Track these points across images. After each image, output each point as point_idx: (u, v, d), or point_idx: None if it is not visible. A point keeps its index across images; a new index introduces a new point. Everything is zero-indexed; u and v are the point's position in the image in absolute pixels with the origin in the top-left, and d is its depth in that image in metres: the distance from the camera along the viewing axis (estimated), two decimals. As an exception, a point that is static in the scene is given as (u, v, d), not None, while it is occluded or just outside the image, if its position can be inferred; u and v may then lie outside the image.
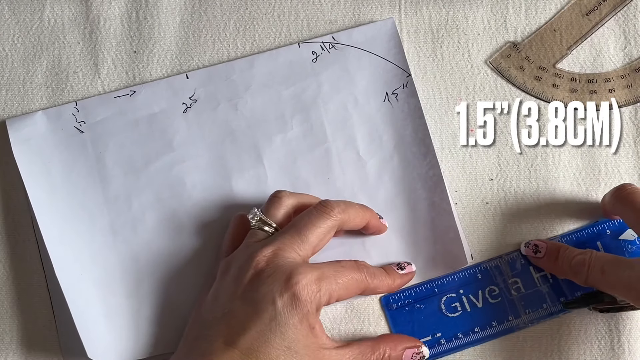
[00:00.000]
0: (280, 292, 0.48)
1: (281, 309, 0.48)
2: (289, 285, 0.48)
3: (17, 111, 0.59)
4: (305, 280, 0.49)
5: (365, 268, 0.52)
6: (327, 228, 0.52)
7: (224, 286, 0.51)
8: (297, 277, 0.48)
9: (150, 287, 0.56)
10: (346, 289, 0.51)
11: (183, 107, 0.58)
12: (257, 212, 0.53)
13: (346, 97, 0.58)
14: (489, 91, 0.59)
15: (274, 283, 0.49)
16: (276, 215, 0.53)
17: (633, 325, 0.56)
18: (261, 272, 0.49)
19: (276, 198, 0.54)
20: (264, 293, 0.48)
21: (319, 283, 0.49)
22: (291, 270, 0.49)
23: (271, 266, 0.49)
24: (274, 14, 0.60)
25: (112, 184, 0.57)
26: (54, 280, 0.55)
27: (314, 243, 0.51)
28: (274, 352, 0.48)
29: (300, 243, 0.51)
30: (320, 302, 0.49)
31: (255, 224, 0.53)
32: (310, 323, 0.49)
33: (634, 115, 0.58)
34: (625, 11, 0.59)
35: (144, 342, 0.56)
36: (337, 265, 0.51)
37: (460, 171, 0.58)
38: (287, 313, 0.48)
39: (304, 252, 0.51)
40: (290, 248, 0.50)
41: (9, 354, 0.57)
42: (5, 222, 0.58)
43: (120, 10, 0.60)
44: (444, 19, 0.60)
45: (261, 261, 0.50)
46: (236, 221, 0.55)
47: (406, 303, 0.56)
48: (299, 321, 0.48)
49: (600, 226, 0.57)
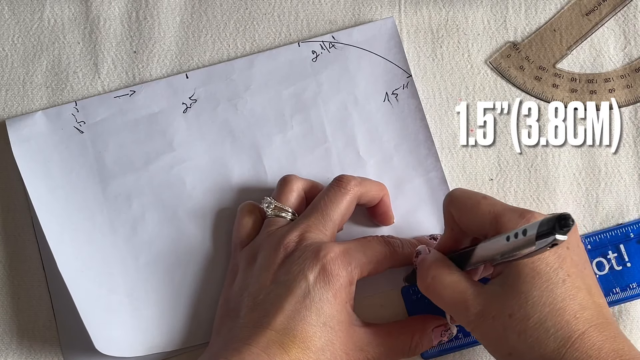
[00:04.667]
0: (311, 267, 0.49)
1: (313, 283, 0.48)
2: (317, 258, 0.49)
3: (17, 111, 0.59)
4: (333, 253, 0.49)
5: (392, 241, 0.53)
6: (347, 203, 0.52)
7: (254, 275, 0.51)
8: (324, 251, 0.49)
9: (151, 287, 0.56)
10: (376, 263, 0.51)
11: (183, 107, 0.58)
12: (272, 201, 0.54)
13: (346, 97, 0.58)
14: (489, 91, 0.59)
15: (306, 261, 0.49)
16: (290, 200, 0.54)
17: (633, 325, 0.56)
18: (291, 254, 0.50)
19: (286, 182, 0.54)
20: (296, 273, 0.49)
21: (348, 256, 0.50)
22: (319, 246, 0.50)
23: (300, 248, 0.50)
24: (274, 14, 0.60)
25: (112, 183, 0.57)
26: (54, 280, 0.55)
27: (337, 220, 0.52)
28: (310, 330, 0.48)
29: (325, 223, 0.51)
30: (352, 276, 0.50)
31: (271, 213, 0.53)
32: (343, 298, 0.49)
33: (634, 115, 0.58)
34: (625, 11, 0.59)
35: (146, 340, 0.56)
36: (364, 241, 0.52)
37: (460, 171, 0.58)
38: (320, 288, 0.48)
39: (330, 230, 0.52)
40: (316, 229, 0.51)
41: (9, 354, 0.57)
42: (5, 221, 0.58)
43: (120, 10, 0.60)
44: (444, 19, 0.60)
45: (290, 244, 0.50)
46: (246, 209, 0.55)
47: None
48: (332, 296, 0.49)
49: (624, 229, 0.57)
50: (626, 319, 0.56)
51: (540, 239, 0.40)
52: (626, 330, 0.56)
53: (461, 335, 0.55)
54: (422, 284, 0.50)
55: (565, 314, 0.44)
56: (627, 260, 0.56)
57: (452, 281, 0.48)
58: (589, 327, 0.44)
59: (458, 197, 0.50)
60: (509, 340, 0.45)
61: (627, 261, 0.56)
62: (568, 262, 0.46)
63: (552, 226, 0.39)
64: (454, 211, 0.50)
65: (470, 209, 0.49)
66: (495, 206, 0.48)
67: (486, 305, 0.46)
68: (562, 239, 0.39)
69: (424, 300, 0.56)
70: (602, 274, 0.56)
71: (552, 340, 0.44)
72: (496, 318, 0.46)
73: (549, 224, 0.39)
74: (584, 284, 0.46)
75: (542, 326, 0.44)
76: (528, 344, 0.45)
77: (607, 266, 0.56)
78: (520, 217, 0.47)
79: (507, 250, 0.44)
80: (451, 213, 0.50)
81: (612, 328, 0.45)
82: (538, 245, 0.40)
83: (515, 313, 0.45)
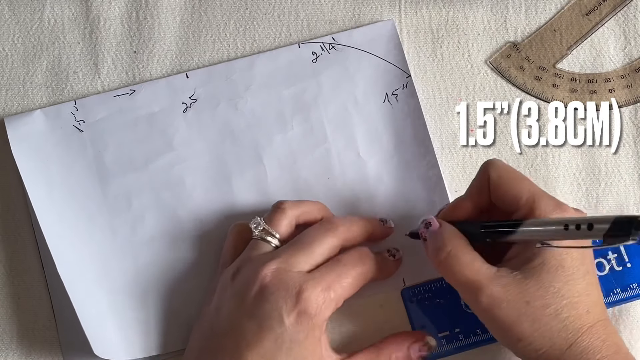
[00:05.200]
0: (288, 309, 0.48)
1: (288, 326, 0.48)
2: (297, 302, 0.48)
3: (17, 111, 0.59)
4: (314, 294, 0.48)
5: (367, 256, 0.52)
6: (332, 245, 0.52)
7: (228, 299, 0.51)
8: (305, 294, 0.48)
9: (150, 287, 0.56)
10: (352, 287, 0.51)
11: (183, 107, 0.58)
12: (261, 222, 0.53)
13: (346, 98, 0.58)
14: (489, 91, 0.59)
15: (280, 300, 0.48)
16: (280, 227, 0.53)
17: (634, 325, 0.56)
18: (266, 287, 0.49)
19: (279, 209, 0.53)
20: (270, 310, 0.48)
21: (326, 294, 0.49)
22: (298, 286, 0.49)
23: (276, 282, 0.49)
24: (274, 14, 0.60)
25: (112, 183, 0.57)
26: (54, 280, 0.55)
27: (319, 259, 0.51)
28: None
29: (306, 258, 0.50)
30: (327, 313, 0.49)
31: (257, 234, 0.53)
32: (317, 336, 0.49)
33: (634, 115, 0.58)
34: (625, 11, 0.59)
35: (146, 341, 0.56)
36: (339, 265, 0.51)
37: (460, 171, 0.58)
38: (293, 329, 0.48)
39: (308, 266, 0.50)
40: (295, 262, 0.50)
41: (9, 354, 0.57)
42: (5, 221, 0.58)
43: (120, 10, 0.60)
44: (444, 19, 0.60)
45: (267, 276, 0.49)
46: (235, 230, 0.55)
47: (426, 297, 0.56)
48: (305, 337, 0.48)
49: None
50: (626, 319, 0.56)
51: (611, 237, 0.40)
52: (626, 330, 0.56)
53: (462, 337, 0.55)
54: (436, 259, 0.50)
55: (579, 308, 0.46)
56: (627, 261, 0.56)
57: (468, 260, 0.48)
58: (597, 322, 0.47)
59: (502, 165, 0.50)
60: (520, 326, 0.46)
61: (627, 262, 0.56)
62: (588, 259, 0.48)
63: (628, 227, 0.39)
64: (495, 175, 0.50)
65: (513, 180, 0.49)
66: (534, 187, 0.49)
67: (502, 290, 0.47)
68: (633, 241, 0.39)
69: (424, 302, 0.56)
70: (602, 275, 0.56)
71: (564, 331, 0.46)
72: (511, 303, 0.46)
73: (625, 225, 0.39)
74: (596, 281, 0.48)
75: (558, 317, 0.46)
76: (540, 332, 0.46)
77: (607, 267, 0.56)
78: (556, 206, 0.48)
79: (559, 237, 0.44)
80: (490, 177, 0.50)
81: (611, 325, 0.48)
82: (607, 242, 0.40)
83: (533, 301, 0.46)
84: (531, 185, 0.49)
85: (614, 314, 0.56)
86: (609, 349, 0.46)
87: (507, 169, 0.50)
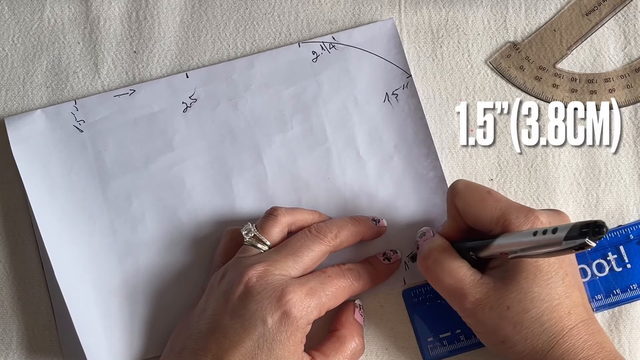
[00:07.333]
0: (272, 310, 0.49)
1: (271, 326, 0.48)
2: (281, 303, 0.49)
3: (17, 111, 0.59)
4: (297, 297, 0.49)
5: (350, 272, 0.53)
6: (320, 252, 0.52)
7: (213, 299, 0.51)
8: (289, 296, 0.49)
9: (150, 288, 0.56)
10: (335, 298, 0.52)
11: (183, 107, 0.58)
12: (252, 228, 0.53)
13: (346, 97, 0.58)
14: (489, 91, 0.59)
15: (264, 301, 0.49)
16: (271, 234, 0.53)
17: (634, 326, 0.56)
18: (251, 288, 0.49)
19: (272, 216, 0.54)
20: (254, 310, 0.49)
21: (310, 299, 0.50)
22: (282, 288, 0.49)
23: (261, 283, 0.50)
24: (274, 14, 0.60)
25: (112, 183, 0.57)
26: (54, 280, 0.55)
27: (307, 265, 0.52)
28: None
29: (293, 263, 0.51)
30: (310, 318, 0.50)
31: (248, 240, 0.53)
32: (298, 338, 0.50)
33: (634, 115, 0.58)
34: (625, 11, 0.59)
35: (142, 344, 0.56)
36: (324, 276, 0.52)
37: (460, 171, 0.58)
38: (276, 330, 0.49)
39: (295, 272, 0.51)
40: (282, 266, 0.51)
41: (8, 354, 0.57)
42: (5, 221, 0.58)
43: (120, 10, 0.60)
44: (444, 19, 0.60)
45: (252, 277, 0.50)
46: (228, 235, 0.55)
47: (427, 298, 0.56)
48: (287, 338, 0.49)
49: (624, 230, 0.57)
50: (626, 320, 0.56)
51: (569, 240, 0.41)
52: (626, 331, 0.56)
53: (463, 338, 0.55)
54: (422, 265, 0.51)
55: (560, 310, 0.48)
56: (627, 262, 0.56)
57: (452, 267, 0.50)
58: (579, 323, 0.48)
59: (463, 191, 0.51)
60: (503, 330, 0.48)
61: (627, 262, 0.56)
62: (566, 261, 0.49)
63: (584, 231, 0.40)
64: (460, 204, 0.51)
65: (476, 204, 0.50)
66: (500, 202, 0.50)
67: (484, 296, 0.49)
68: (591, 244, 0.40)
69: (425, 303, 0.56)
70: (602, 276, 0.56)
71: (545, 333, 0.48)
72: (493, 308, 0.48)
73: (583, 229, 0.40)
74: (577, 282, 0.50)
75: (538, 320, 0.48)
76: (522, 335, 0.48)
77: (607, 267, 0.56)
78: (527, 214, 0.49)
79: (531, 246, 0.45)
80: (456, 206, 0.51)
81: (595, 324, 0.50)
82: (564, 245, 0.41)
83: (513, 306, 0.48)
84: (497, 202, 0.50)
85: (614, 314, 0.56)
86: (591, 349, 0.48)
87: (470, 193, 0.51)
